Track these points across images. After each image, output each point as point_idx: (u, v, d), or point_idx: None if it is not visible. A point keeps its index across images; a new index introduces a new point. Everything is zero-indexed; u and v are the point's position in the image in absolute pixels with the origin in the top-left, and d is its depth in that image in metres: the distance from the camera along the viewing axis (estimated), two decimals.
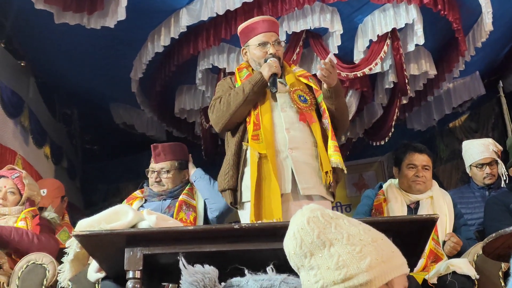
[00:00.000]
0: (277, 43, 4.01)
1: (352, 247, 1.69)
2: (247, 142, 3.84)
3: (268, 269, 1.91)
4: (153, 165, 4.42)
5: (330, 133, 3.86)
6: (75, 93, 7.29)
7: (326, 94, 3.94)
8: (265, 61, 3.95)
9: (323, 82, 3.87)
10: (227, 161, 3.92)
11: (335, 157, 3.79)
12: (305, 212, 1.77)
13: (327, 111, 3.92)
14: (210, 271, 1.86)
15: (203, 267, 1.91)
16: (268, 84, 3.84)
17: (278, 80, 3.91)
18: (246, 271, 1.97)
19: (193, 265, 1.98)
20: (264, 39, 4.01)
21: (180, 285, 1.94)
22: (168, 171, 4.41)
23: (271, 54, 3.96)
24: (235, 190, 3.86)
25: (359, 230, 1.75)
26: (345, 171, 3.89)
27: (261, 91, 3.88)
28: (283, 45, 4.17)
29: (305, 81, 4.02)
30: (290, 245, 1.76)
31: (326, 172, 3.76)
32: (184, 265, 1.96)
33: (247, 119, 3.89)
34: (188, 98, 6.87)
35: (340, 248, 1.69)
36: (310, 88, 4.03)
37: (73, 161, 8.13)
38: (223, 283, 1.95)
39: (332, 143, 3.83)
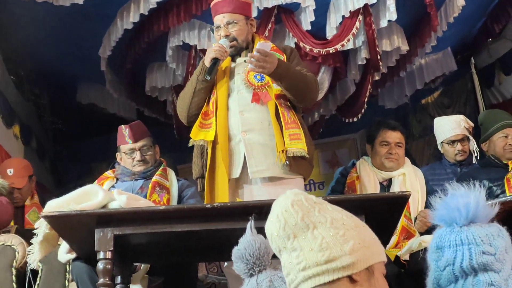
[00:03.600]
0: (230, 24, 3.93)
1: (335, 231, 1.70)
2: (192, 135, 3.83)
3: None
4: (132, 145, 4.30)
5: (282, 122, 3.75)
6: (44, 72, 7.18)
7: (272, 80, 3.86)
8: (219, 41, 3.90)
9: None
10: (194, 150, 3.93)
11: (291, 146, 3.69)
12: (289, 196, 1.77)
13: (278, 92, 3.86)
14: (269, 245, 1.84)
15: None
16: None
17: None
18: None
19: None
20: (217, 23, 3.97)
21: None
22: (150, 147, 4.35)
23: (223, 36, 3.90)
24: (202, 177, 3.84)
25: (342, 215, 1.76)
26: (307, 156, 3.76)
27: (206, 79, 3.82)
28: (250, 22, 4.09)
29: None
30: (273, 227, 1.75)
31: (280, 152, 3.68)
32: (251, 228, 1.98)
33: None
34: (159, 76, 6.79)
35: (324, 231, 1.69)
36: None
37: (42, 141, 8.02)
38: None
39: (286, 132, 3.72)
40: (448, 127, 5.21)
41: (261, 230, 1.87)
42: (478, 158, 5.11)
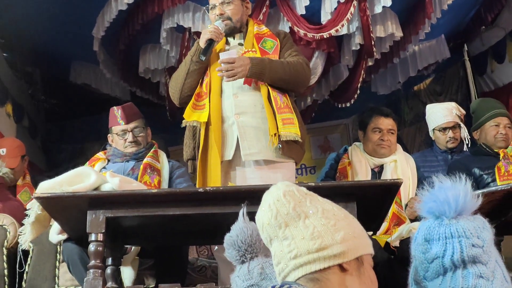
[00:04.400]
0: (224, 3, 3.95)
1: (327, 220, 1.72)
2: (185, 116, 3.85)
3: None
4: (124, 126, 4.29)
5: (275, 106, 3.77)
6: (37, 51, 7.13)
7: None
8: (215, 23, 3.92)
9: None
10: (185, 131, 3.96)
11: (285, 130, 3.72)
12: (281, 186, 1.79)
13: None
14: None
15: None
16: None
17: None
18: None
19: None
20: (213, 2, 4.01)
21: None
22: (143, 128, 4.35)
23: (218, 15, 3.92)
24: (194, 159, 3.87)
25: (332, 207, 1.79)
26: (300, 140, 3.81)
27: (201, 61, 3.83)
28: (245, 4, 4.10)
29: (255, 44, 3.97)
30: (264, 216, 1.77)
31: (273, 135, 3.70)
32: (243, 215, 2.01)
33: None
34: (152, 57, 6.76)
35: (315, 221, 1.72)
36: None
37: (34, 120, 7.99)
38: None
39: (279, 116, 3.74)
40: (440, 114, 5.23)
41: (253, 216, 1.89)
42: (469, 145, 5.14)
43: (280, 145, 3.72)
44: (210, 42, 3.79)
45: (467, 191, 1.86)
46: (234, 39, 4.06)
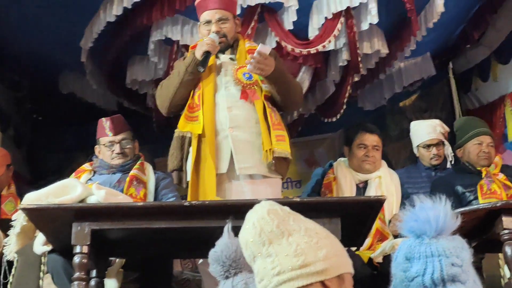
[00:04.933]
0: (221, 21, 3.99)
1: (309, 238, 1.75)
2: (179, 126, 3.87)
3: None
4: (112, 138, 4.30)
5: (270, 122, 3.83)
6: (24, 60, 7.12)
7: (265, 82, 3.94)
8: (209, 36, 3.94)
9: None
10: (172, 142, 3.98)
11: (278, 147, 3.78)
12: (264, 205, 1.82)
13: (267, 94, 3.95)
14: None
15: None
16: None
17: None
18: None
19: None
20: (207, 17, 4.02)
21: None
22: (130, 140, 4.37)
23: (213, 32, 3.95)
24: (180, 170, 3.89)
25: (314, 225, 1.82)
26: (290, 157, 3.90)
27: (196, 72, 3.87)
28: (235, 21, 4.14)
29: (248, 59, 4.01)
30: (248, 233, 1.79)
31: (267, 151, 3.76)
32: (228, 230, 2.03)
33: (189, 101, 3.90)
34: (140, 69, 6.76)
35: (299, 238, 1.74)
36: None
37: (20, 129, 7.96)
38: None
39: (273, 133, 3.81)
40: (424, 131, 5.29)
41: (238, 230, 1.91)
42: (453, 162, 5.19)
43: (274, 161, 3.76)
44: (207, 54, 3.82)
45: (447, 211, 1.90)
46: (224, 53, 4.10)
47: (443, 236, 1.89)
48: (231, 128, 3.82)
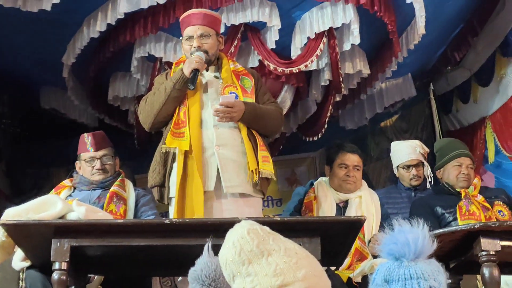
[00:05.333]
0: (203, 37, 4.01)
1: (289, 258, 1.76)
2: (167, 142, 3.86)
3: None
4: (93, 153, 4.32)
5: (258, 142, 3.89)
6: (5, 75, 7.08)
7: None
8: (191, 55, 3.95)
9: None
10: (155, 157, 3.97)
11: (263, 168, 3.81)
12: (245, 225, 1.83)
13: None
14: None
15: None
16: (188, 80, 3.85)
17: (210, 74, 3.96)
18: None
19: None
20: (189, 33, 4.03)
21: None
22: (111, 157, 4.38)
23: (194, 47, 3.96)
24: (162, 186, 3.88)
25: (294, 246, 1.83)
26: (274, 178, 3.96)
27: (184, 88, 3.88)
28: (218, 38, 4.16)
29: (235, 80, 4.03)
30: (228, 253, 1.80)
31: (253, 171, 3.78)
32: (208, 249, 2.03)
33: (173, 116, 3.90)
34: (122, 85, 6.76)
35: (278, 258, 1.75)
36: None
37: None
38: None
39: (260, 154, 3.85)
40: (404, 152, 5.32)
41: (218, 249, 1.91)
42: (432, 183, 5.22)
43: (259, 181, 3.79)
44: (196, 72, 3.84)
45: (425, 234, 1.92)
46: (207, 71, 4.11)
47: (421, 259, 1.91)
48: (218, 146, 3.82)
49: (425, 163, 5.29)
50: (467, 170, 4.70)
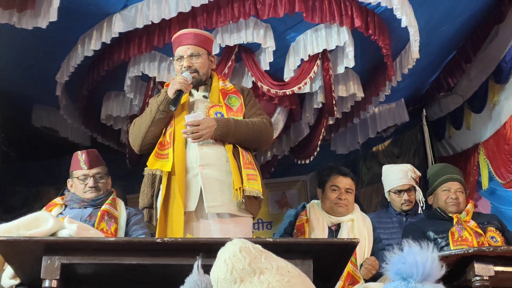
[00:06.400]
0: (193, 56, 4.02)
1: (281, 277, 1.74)
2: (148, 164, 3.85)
3: None
4: (86, 171, 4.34)
5: (241, 161, 3.85)
6: None
7: None
8: (181, 74, 3.97)
9: None
10: (144, 179, 3.95)
11: (249, 186, 3.77)
12: (237, 243, 1.82)
13: None
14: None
15: None
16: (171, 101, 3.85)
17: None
18: None
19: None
20: (180, 53, 4.07)
21: None
22: (104, 175, 4.39)
23: (185, 67, 3.98)
24: (151, 207, 3.86)
25: (286, 264, 1.81)
26: (261, 197, 3.90)
27: (168, 110, 3.88)
28: (210, 58, 4.16)
29: (221, 99, 4.03)
30: (220, 271, 1.78)
31: (237, 189, 3.74)
32: (198, 267, 2.00)
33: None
34: (115, 104, 6.75)
35: (270, 277, 1.74)
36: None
37: None
38: None
39: (244, 172, 3.80)
40: (396, 176, 5.32)
41: (208, 269, 1.89)
42: (424, 208, 5.22)
43: (244, 200, 3.74)
44: (179, 93, 3.84)
45: (434, 258, 1.92)
46: (197, 91, 4.11)
47: (428, 282, 1.91)
48: (201, 166, 3.81)
49: (417, 187, 5.29)
50: (456, 194, 4.70)
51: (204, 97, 4.07)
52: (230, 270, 1.75)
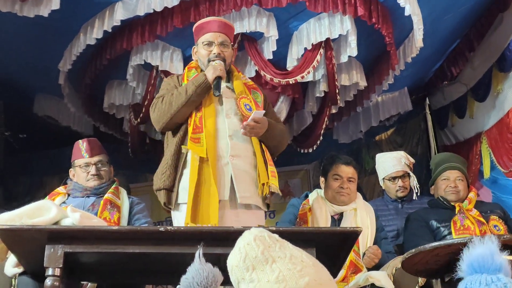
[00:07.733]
0: (223, 45, 4.00)
1: (293, 266, 1.75)
2: (187, 144, 3.81)
3: None
4: (88, 159, 4.33)
5: (266, 157, 3.89)
6: (1, 82, 7.06)
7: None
8: (209, 60, 3.94)
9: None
10: (165, 160, 3.87)
11: (272, 182, 3.80)
12: (253, 231, 1.83)
13: None
14: (217, 274, 1.92)
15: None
16: (212, 87, 3.83)
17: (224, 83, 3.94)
18: None
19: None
20: (210, 39, 4.01)
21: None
22: (106, 163, 4.39)
23: (214, 53, 3.95)
24: (170, 190, 3.81)
25: (301, 254, 1.82)
26: (279, 193, 3.97)
27: (204, 94, 3.86)
28: (233, 49, 4.17)
29: (247, 93, 4.02)
30: (234, 258, 1.81)
31: (264, 184, 3.77)
32: (199, 256, 1.99)
33: (189, 121, 3.86)
34: (118, 93, 6.75)
35: (282, 265, 1.75)
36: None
37: None
38: None
39: (269, 168, 3.85)
40: (389, 163, 5.33)
41: (213, 257, 1.90)
42: (419, 194, 5.22)
43: (268, 195, 3.80)
44: (219, 80, 3.84)
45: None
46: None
47: (501, 273, 1.95)
48: (232, 156, 3.79)
49: (411, 174, 5.29)
50: (455, 183, 4.70)
51: (228, 87, 4.04)
52: (243, 258, 1.77)
